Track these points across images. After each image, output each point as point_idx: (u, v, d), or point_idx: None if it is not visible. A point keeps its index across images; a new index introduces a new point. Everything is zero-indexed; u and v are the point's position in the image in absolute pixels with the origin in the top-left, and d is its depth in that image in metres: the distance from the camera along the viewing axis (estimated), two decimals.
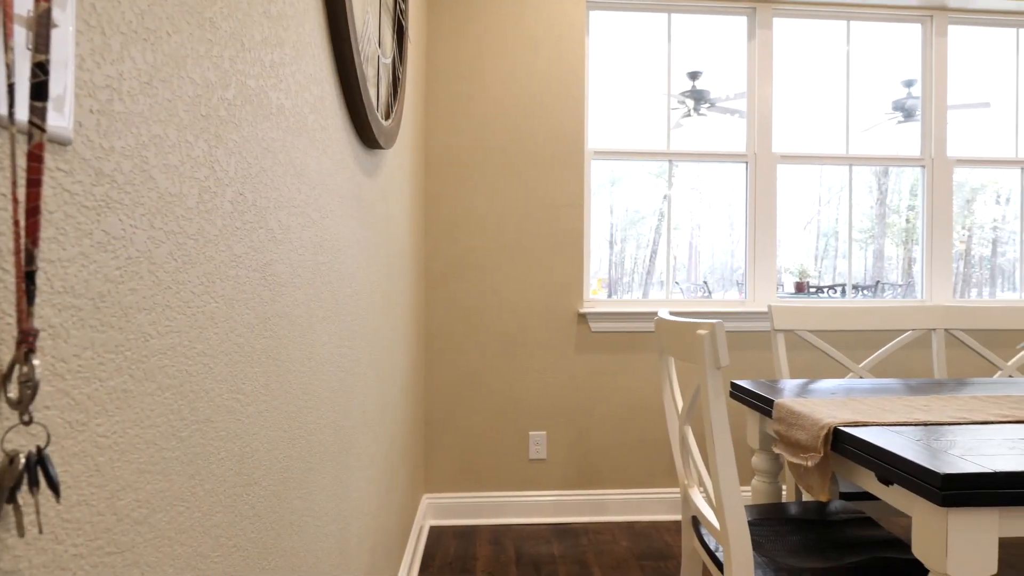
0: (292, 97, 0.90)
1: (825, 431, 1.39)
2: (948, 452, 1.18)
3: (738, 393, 1.91)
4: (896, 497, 1.25)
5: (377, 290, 1.60)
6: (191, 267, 0.62)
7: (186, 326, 0.61)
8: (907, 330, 2.28)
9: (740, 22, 2.92)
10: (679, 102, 4.25)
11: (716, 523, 1.32)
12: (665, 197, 2.90)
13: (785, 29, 2.95)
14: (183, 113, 0.60)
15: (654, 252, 3.24)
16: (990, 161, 3.02)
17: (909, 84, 3.66)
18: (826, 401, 1.64)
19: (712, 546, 1.47)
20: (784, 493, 2.39)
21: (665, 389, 1.66)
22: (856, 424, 1.39)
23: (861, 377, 2.19)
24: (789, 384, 1.90)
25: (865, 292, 3.74)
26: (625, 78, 2.93)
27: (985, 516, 1.10)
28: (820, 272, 3.32)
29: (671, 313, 2.63)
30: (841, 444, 1.36)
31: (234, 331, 0.72)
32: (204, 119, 0.64)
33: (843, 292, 3.21)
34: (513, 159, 2.71)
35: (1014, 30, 3.06)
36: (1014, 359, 2.27)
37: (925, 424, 1.41)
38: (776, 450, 1.62)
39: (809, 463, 1.42)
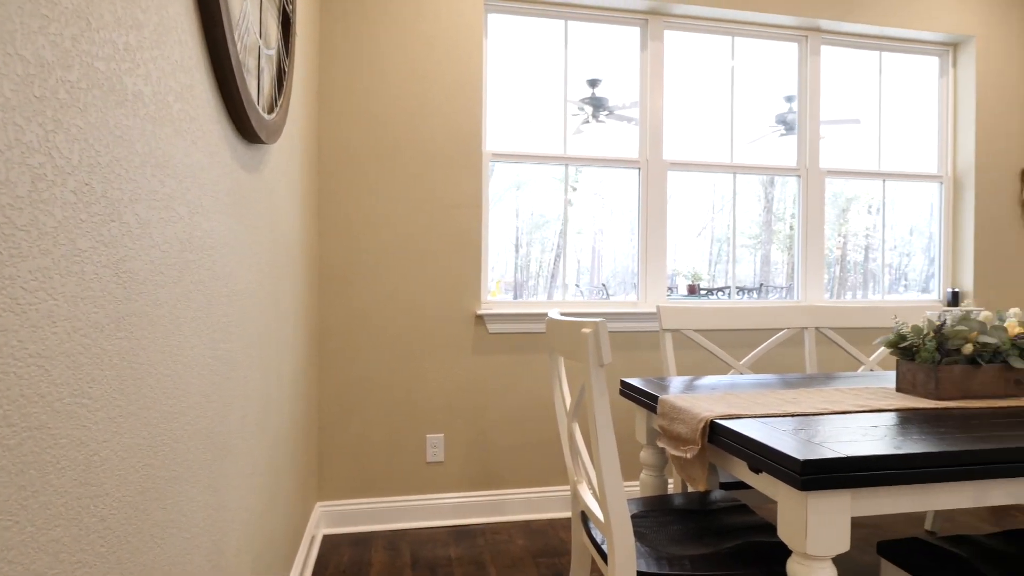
0: (153, 84, 0.85)
1: (703, 424, 1.46)
2: (809, 440, 1.27)
3: (627, 391, 1.98)
4: (765, 484, 1.34)
5: (260, 291, 1.54)
6: (21, 261, 0.57)
7: (15, 325, 0.56)
8: (782, 329, 2.44)
9: (634, 33, 3.03)
10: (579, 108, 4.36)
11: (601, 516, 1.35)
12: (569, 202, 2.96)
13: (677, 42, 3.10)
14: (9, 93, 0.55)
15: (558, 256, 3.30)
16: (856, 173, 3.29)
17: (790, 99, 3.94)
18: (706, 396, 1.73)
19: (599, 539, 1.52)
20: (671, 485, 2.50)
21: (555, 388, 1.69)
22: (730, 417, 1.47)
23: (742, 374, 2.32)
24: (676, 381, 1.99)
25: (752, 294, 3.98)
26: (526, 82, 2.97)
27: (839, 498, 1.19)
28: (714, 276, 3.48)
29: (563, 314, 2.69)
30: (717, 436, 1.44)
31: (78, 331, 0.67)
32: (39, 101, 0.59)
33: (729, 294, 3.39)
34: (411, 159, 2.69)
35: (877, 53, 3.36)
36: (874, 355, 2.48)
37: (792, 415, 1.51)
38: (660, 444, 1.69)
39: (688, 455, 1.49)
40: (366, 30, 2.64)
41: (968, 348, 1.66)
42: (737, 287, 3.35)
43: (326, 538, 2.56)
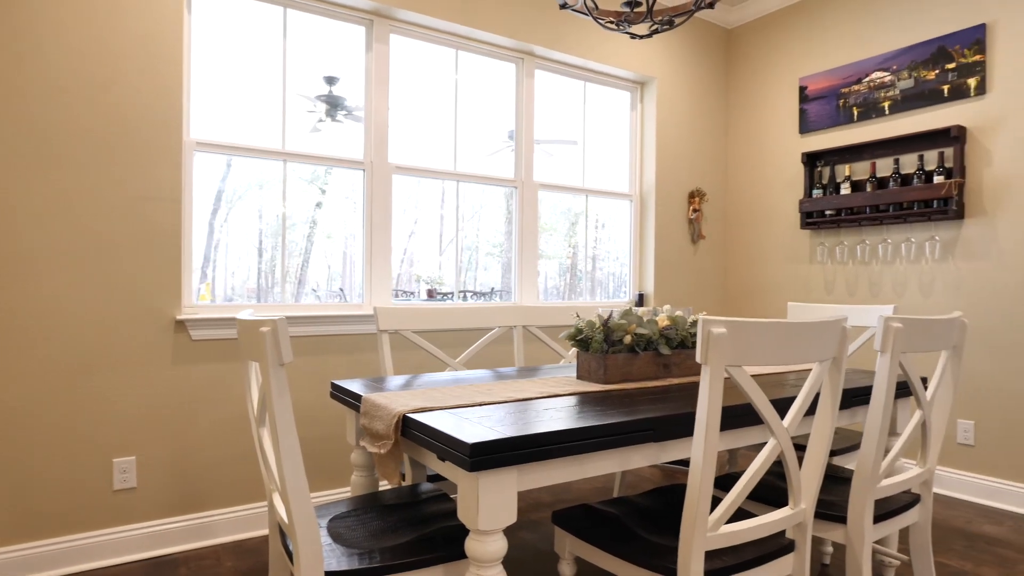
0: None
1: (396, 419, 1.49)
2: (487, 426, 1.37)
3: (336, 392, 1.94)
4: (449, 471, 1.40)
5: None
6: None
7: None
8: (494, 328, 2.61)
9: (360, 32, 3.02)
10: (315, 105, 4.21)
11: (287, 519, 1.30)
12: (318, 204, 2.83)
13: (406, 49, 3.16)
14: None
15: (306, 260, 3.14)
16: (565, 187, 3.68)
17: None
18: (408, 392, 1.77)
19: (291, 547, 1.46)
20: (386, 483, 2.52)
21: (248, 393, 1.59)
22: (422, 410, 1.52)
23: (457, 370, 2.43)
24: (393, 381, 2.01)
25: (488, 297, 4.22)
26: (246, 73, 2.78)
27: (506, 475, 1.30)
28: (464, 282, 3.60)
29: (287, 318, 2.57)
30: (409, 429, 1.48)
31: None
32: None
33: (465, 297, 3.54)
34: (90, 140, 2.32)
35: (583, 83, 3.80)
36: (572, 349, 2.78)
37: (481, 404, 1.61)
38: (362, 443, 1.68)
39: (381, 450, 1.51)
40: None
41: (628, 339, 1.93)
42: (478, 292, 3.52)
43: None
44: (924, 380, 2.23)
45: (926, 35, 3.32)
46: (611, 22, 2.09)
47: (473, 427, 1.35)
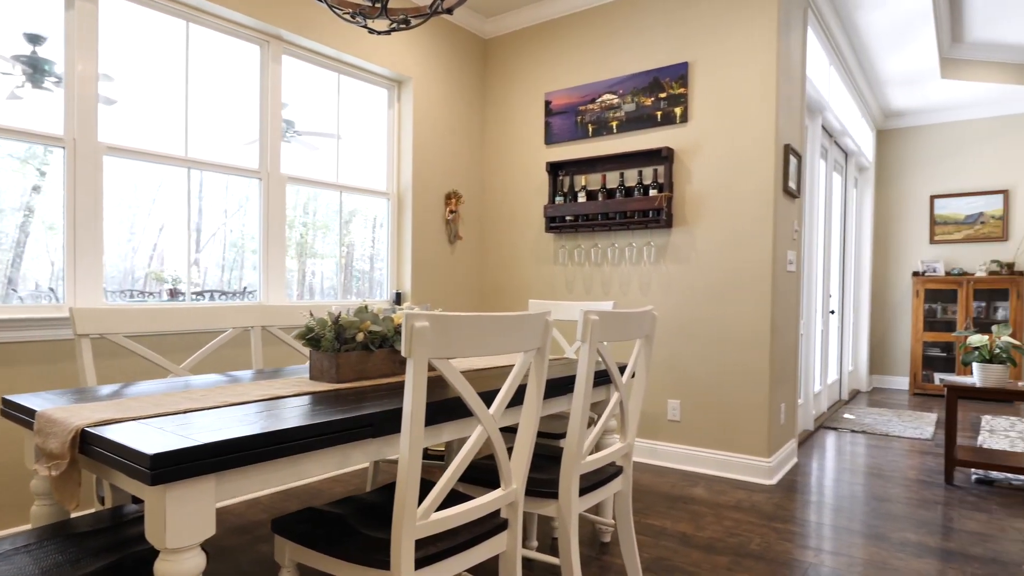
0: None
1: (72, 435, 1.30)
2: (180, 434, 1.25)
3: (8, 409, 1.64)
4: (136, 487, 1.25)
5: None
6: None
7: None
8: (227, 329, 2.42)
9: None
10: (12, 67, 3.54)
11: None
12: (35, 188, 2.34)
13: (129, 14, 2.78)
14: None
15: (19, 255, 2.58)
16: (317, 182, 3.55)
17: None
18: (101, 404, 1.56)
19: None
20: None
21: None
22: (107, 422, 1.34)
23: (181, 377, 2.20)
24: (94, 392, 1.74)
25: (241, 298, 3.90)
26: None
27: (201, 485, 1.19)
28: (228, 282, 3.27)
29: None
30: (90, 446, 1.29)
31: None
32: None
33: (213, 297, 3.22)
34: None
35: (337, 75, 3.70)
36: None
37: (183, 412, 1.47)
38: (34, 466, 1.44)
39: (54, 472, 1.31)
40: None
41: (361, 336, 1.92)
42: (232, 292, 3.22)
43: None
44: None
45: (645, 66, 3.81)
46: (348, 13, 2.05)
47: (164, 437, 1.22)
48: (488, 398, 1.61)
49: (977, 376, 3.44)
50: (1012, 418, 5.31)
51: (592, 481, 1.99)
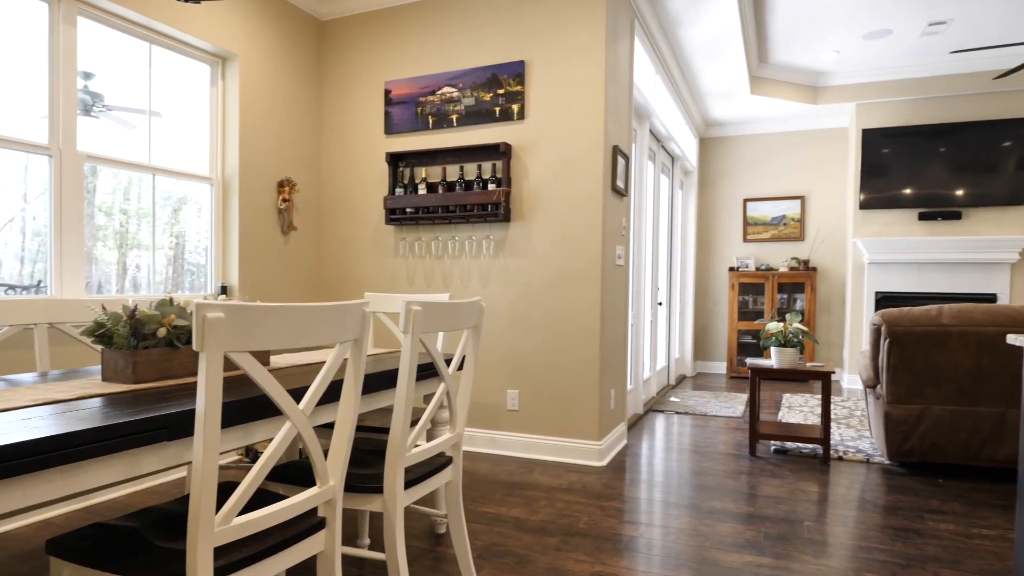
0: None
1: None
2: None
3: None
4: None
5: None
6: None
7: None
8: (4, 327, 2.11)
9: None
10: None
11: None
12: None
13: None
14: None
15: None
16: (126, 163, 3.20)
17: (86, 76, 3.53)
18: None
19: None
20: None
21: None
22: None
23: None
24: None
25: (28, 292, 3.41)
26: None
27: None
28: (32, 274, 2.81)
29: None
30: None
31: None
32: None
33: (6, 291, 2.79)
34: None
35: (148, 45, 3.35)
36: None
37: None
38: None
39: None
40: None
41: (163, 332, 1.75)
42: (24, 286, 2.79)
43: None
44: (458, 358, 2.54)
45: (484, 62, 3.85)
46: None
47: None
48: (303, 394, 1.54)
49: (774, 359, 3.87)
50: (807, 395, 6.07)
51: (419, 473, 1.97)
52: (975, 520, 2.89)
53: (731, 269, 7.29)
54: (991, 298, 5.90)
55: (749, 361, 4.01)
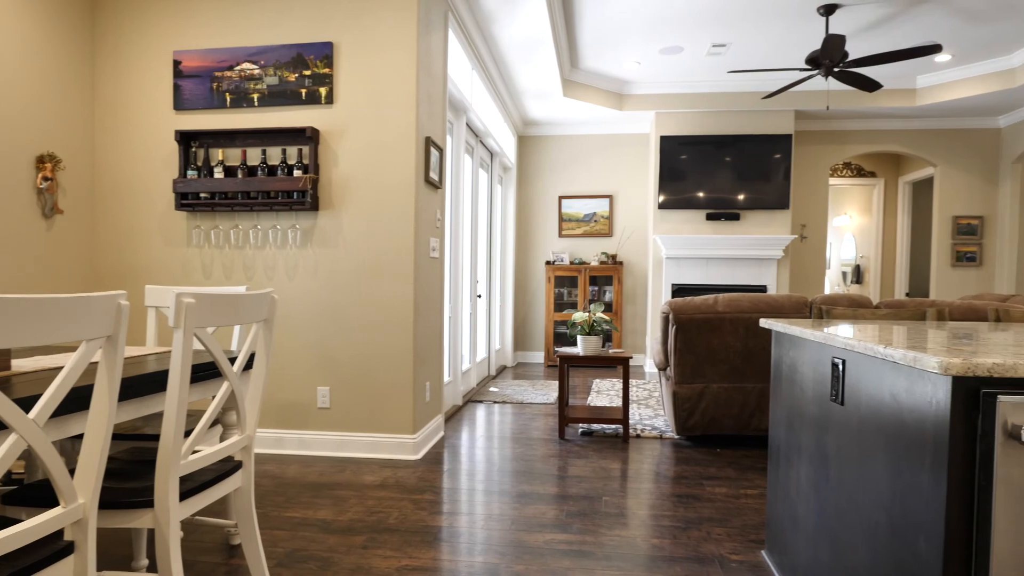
0: None
1: None
2: None
3: None
4: None
5: None
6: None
7: None
8: None
9: None
10: None
11: None
12: None
13: None
14: None
15: None
16: None
17: None
18: None
19: None
20: None
21: None
22: None
23: None
24: None
25: None
26: None
27: None
28: None
29: None
30: None
31: None
32: None
33: None
34: None
35: None
36: None
37: None
38: None
39: None
40: None
41: None
42: None
43: None
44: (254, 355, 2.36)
45: (288, 39, 3.62)
46: None
47: None
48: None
49: (580, 346, 4.10)
50: (615, 380, 6.53)
51: (200, 481, 1.79)
52: (743, 483, 3.29)
53: (548, 263, 7.63)
54: (763, 289, 6.78)
55: (558, 350, 4.20)
